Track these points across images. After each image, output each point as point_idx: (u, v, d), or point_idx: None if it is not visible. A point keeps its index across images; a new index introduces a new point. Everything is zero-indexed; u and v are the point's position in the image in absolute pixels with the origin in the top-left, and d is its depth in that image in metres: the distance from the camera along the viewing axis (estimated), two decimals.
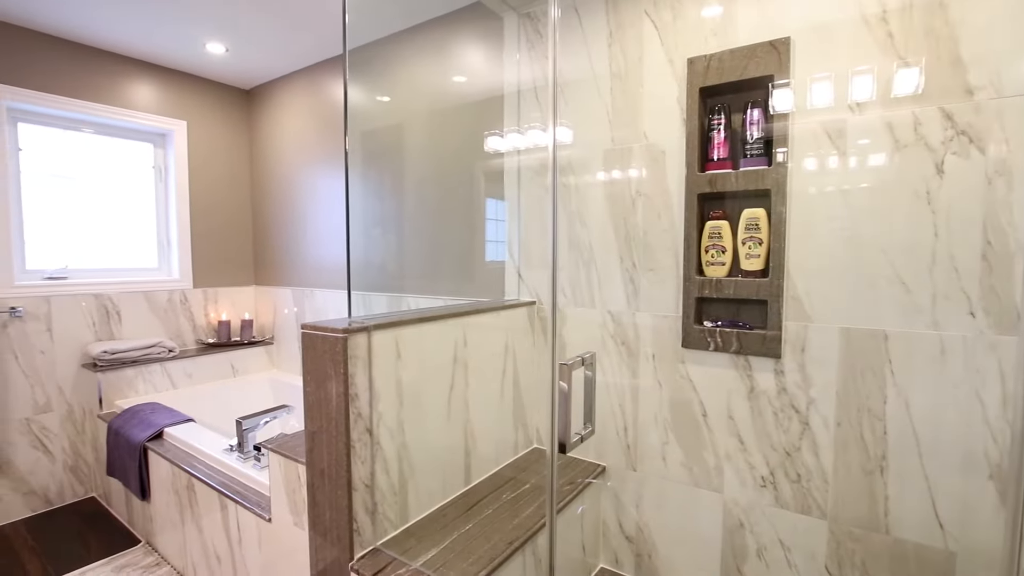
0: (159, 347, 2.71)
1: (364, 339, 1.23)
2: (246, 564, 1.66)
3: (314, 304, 2.92)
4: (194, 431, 2.11)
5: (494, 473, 1.74)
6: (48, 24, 2.36)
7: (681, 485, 1.62)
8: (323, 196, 2.86)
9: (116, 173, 2.82)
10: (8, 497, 2.41)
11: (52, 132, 2.59)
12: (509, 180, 1.99)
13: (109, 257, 2.79)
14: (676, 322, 1.59)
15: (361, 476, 1.26)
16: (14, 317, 2.40)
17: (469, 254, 2.16)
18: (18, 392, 2.42)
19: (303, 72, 2.91)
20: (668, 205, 1.59)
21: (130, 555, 2.14)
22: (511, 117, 1.97)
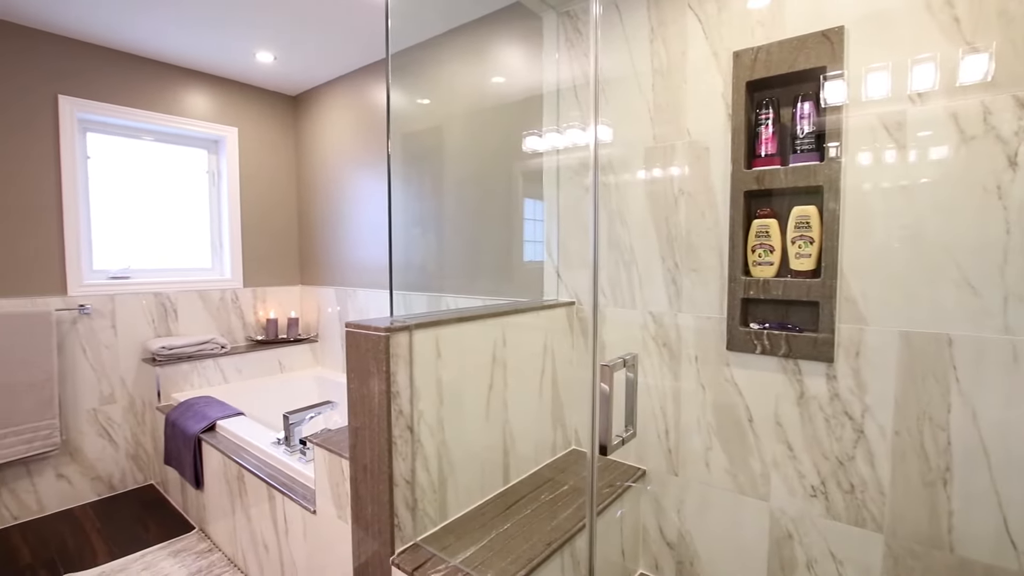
0: (212, 343, 2.84)
1: (406, 338, 1.25)
2: (292, 554, 1.72)
3: (356, 303, 2.99)
4: (244, 424, 2.19)
5: (532, 473, 1.74)
6: (114, 39, 2.51)
7: (725, 492, 1.57)
8: (365, 198, 2.93)
9: (173, 178, 2.98)
10: (78, 482, 2.58)
11: (116, 140, 2.76)
12: (548, 180, 1.98)
13: (167, 258, 2.95)
14: (720, 324, 1.55)
15: (402, 472, 1.28)
16: (83, 314, 2.57)
17: (507, 254, 2.16)
18: (86, 384, 2.59)
19: (346, 77, 2.99)
20: (712, 203, 1.55)
21: (185, 540, 2.25)
22: (550, 117, 1.96)
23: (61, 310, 2.48)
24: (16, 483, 2.41)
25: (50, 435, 2.41)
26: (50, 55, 2.45)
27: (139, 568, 2.05)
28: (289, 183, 3.40)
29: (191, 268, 3.04)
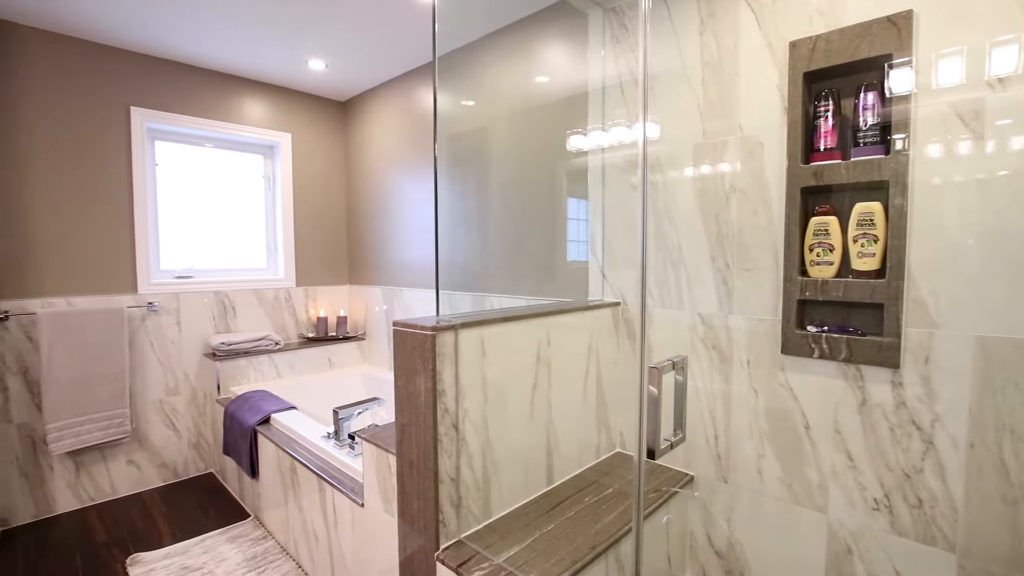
0: (267, 340, 2.97)
1: (451, 337, 1.26)
2: (341, 545, 1.77)
3: (402, 302, 3.05)
4: (296, 418, 2.28)
5: (576, 475, 1.72)
6: (179, 53, 2.67)
7: (779, 502, 1.51)
8: (410, 199, 2.99)
9: (232, 183, 3.13)
10: (146, 468, 2.76)
11: (180, 148, 2.93)
12: (593, 179, 1.96)
13: (226, 258, 3.10)
14: (775, 326, 1.48)
15: (447, 469, 1.30)
16: (151, 311, 2.74)
17: (551, 254, 2.15)
18: (154, 376, 2.77)
19: (393, 82, 3.06)
20: (766, 200, 1.49)
21: (241, 527, 2.36)
22: (595, 115, 1.94)
23: (132, 307, 2.66)
24: (93, 467, 2.59)
25: (122, 423, 2.59)
26: (123, 70, 2.63)
27: (200, 551, 2.17)
28: (339, 186, 3.51)
29: (248, 268, 3.19)
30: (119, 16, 2.27)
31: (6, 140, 2.33)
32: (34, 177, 2.40)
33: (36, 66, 2.40)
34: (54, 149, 2.45)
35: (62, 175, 2.47)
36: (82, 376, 2.45)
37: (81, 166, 2.52)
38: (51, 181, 2.44)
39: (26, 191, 2.38)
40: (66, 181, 2.48)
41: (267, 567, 2.04)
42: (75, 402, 2.44)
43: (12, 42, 2.34)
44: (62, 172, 2.47)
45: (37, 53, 2.40)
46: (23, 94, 2.37)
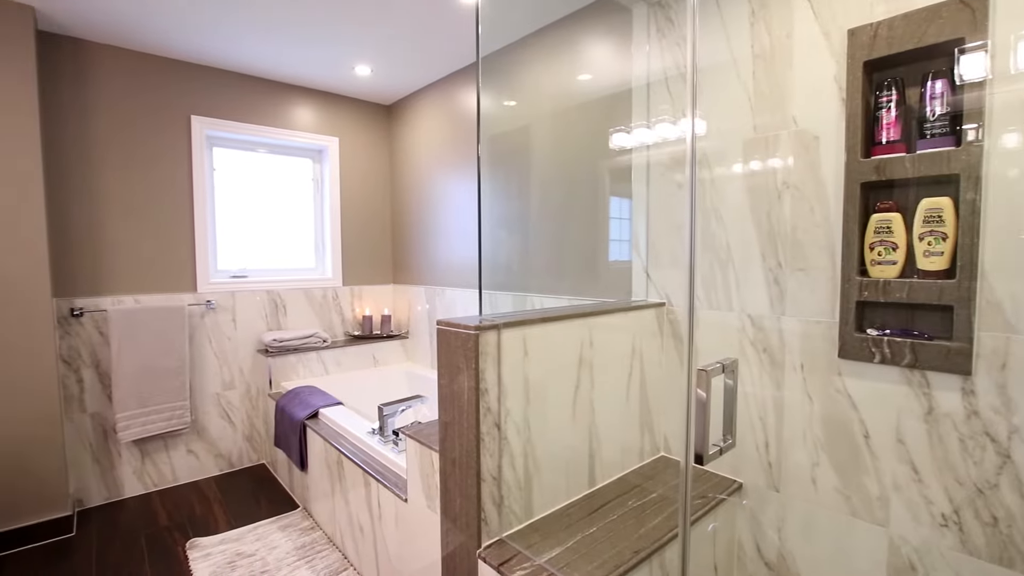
0: (315, 337, 3.08)
1: (494, 336, 1.27)
2: (384, 538, 1.81)
3: (444, 301, 3.09)
4: (343, 413, 2.35)
5: (619, 478, 1.70)
6: (235, 63, 2.80)
7: (835, 513, 1.44)
8: (453, 200, 3.03)
9: (282, 186, 3.26)
10: (203, 457, 2.91)
11: (235, 153, 3.07)
12: (636, 177, 1.92)
13: (277, 259, 3.23)
14: (831, 329, 1.41)
15: (489, 468, 1.30)
16: (209, 309, 2.88)
17: (593, 254, 2.13)
18: (211, 370, 2.91)
19: (435, 84, 3.11)
20: (822, 197, 1.42)
21: (291, 517, 2.45)
22: (639, 111, 1.90)
23: (192, 305, 2.81)
24: (156, 455, 2.76)
25: (183, 415, 2.74)
26: (185, 81, 2.78)
27: (252, 538, 2.26)
28: (383, 187, 3.59)
29: (298, 268, 3.31)
30: (182, 31, 2.40)
31: (83, 151, 2.51)
32: (107, 184, 2.58)
33: (107, 80, 2.57)
34: (123, 158, 2.62)
35: (130, 182, 2.64)
36: (147, 369, 2.61)
37: (147, 173, 2.69)
38: (121, 187, 2.61)
39: (100, 197, 2.56)
40: (134, 187, 2.65)
41: (315, 557, 2.11)
42: (141, 394, 2.60)
43: (87, 59, 2.51)
44: (130, 179, 2.64)
45: (108, 68, 2.57)
46: (97, 107, 2.54)
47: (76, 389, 2.52)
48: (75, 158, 2.49)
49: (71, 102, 2.48)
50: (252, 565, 2.06)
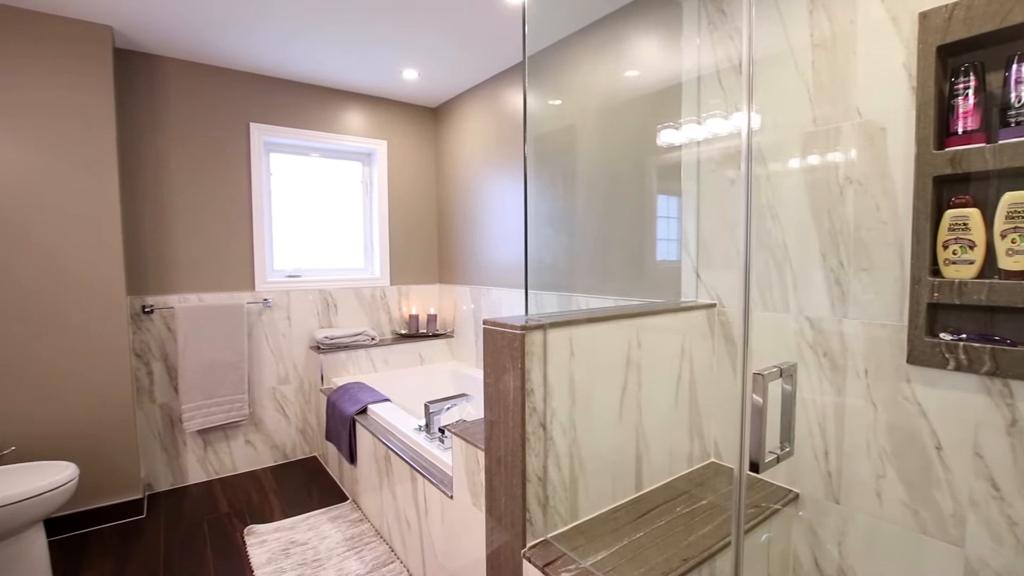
0: (364, 335, 3.17)
1: (540, 336, 1.26)
2: (431, 533, 1.84)
3: (489, 301, 3.11)
4: (390, 410, 2.40)
5: (667, 483, 1.66)
6: (290, 72, 2.91)
7: (902, 530, 1.35)
8: (498, 200, 3.04)
9: (333, 189, 3.37)
10: (260, 448, 3.05)
11: (290, 158, 3.20)
12: (686, 174, 1.87)
13: (329, 259, 3.35)
14: (899, 332, 1.33)
15: (534, 468, 1.30)
16: (265, 307, 3.02)
17: (639, 253, 2.09)
18: (267, 366, 3.05)
19: (480, 86, 3.13)
20: (889, 192, 1.33)
21: (341, 509, 2.53)
22: (689, 107, 1.85)
23: (250, 303, 2.95)
24: (217, 445, 2.91)
25: (242, 407, 2.88)
26: (243, 90, 2.93)
27: (305, 528, 2.35)
28: (430, 189, 3.66)
29: (348, 268, 3.41)
30: (242, 43, 2.53)
31: (153, 159, 2.68)
32: (174, 189, 2.74)
33: (174, 92, 2.73)
34: (189, 165, 2.78)
35: (195, 187, 2.80)
36: (210, 363, 2.76)
37: (210, 179, 2.84)
38: (186, 193, 2.78)
39: (167, 202, 2.73)
40: (198, 192, 2.81)
41: (363, 548, 2.17)
42: (204, 386, 2.75)
43: (157, 73, 2.68)
44: (195, 184, 2.80)
45: (175, 80, 2.73)
46: (165, 118, 2.71)
47: (147, 381, 2.70)
48: (146, 166, 2.67)
49: (143, 114, 2.65)
50: (304, 553, 2.14)
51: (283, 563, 2.07)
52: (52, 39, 2.22)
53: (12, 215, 2.18)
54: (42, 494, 1.87)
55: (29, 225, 2.21)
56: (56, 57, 2.23)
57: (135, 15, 2.26)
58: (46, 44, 2.21)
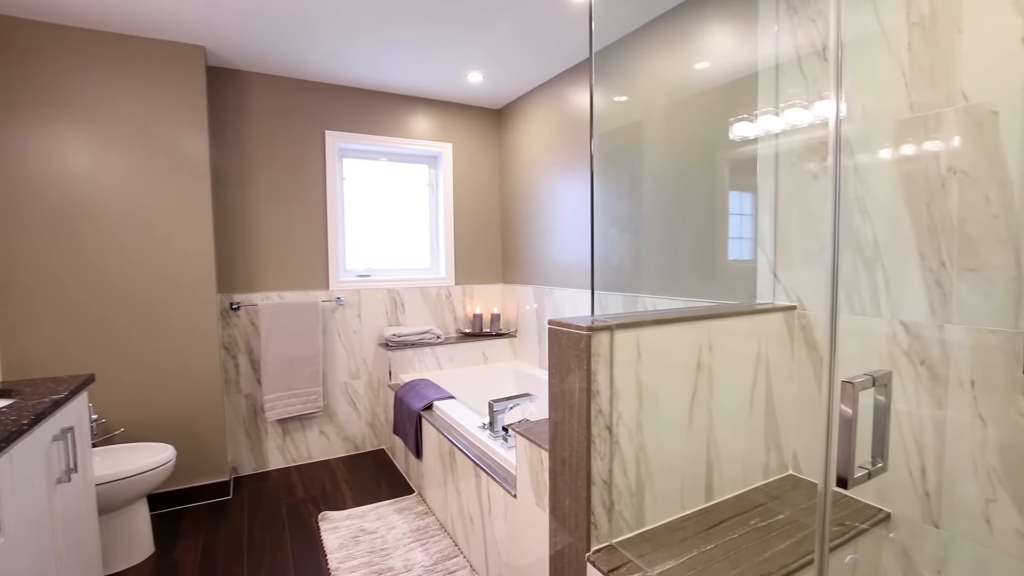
0: (429, 334, 3.25)
1: (607, 337, 1.24)
2: (494, 530, 1.86)
3: (552, 301, 3.10)
4: (455, 407, 2.45)
5: (739, 495, 1.58)
6: (362, 80, 3.04)
7: (1018, 562, 1.20)
8: (562, 200, 3.02)
9: (401, 191, 3.49)
10: (333, 439, 3.21)
11: (361, 163, 3.34)
12: (763, 168, 1.77)
13: (397, 259, 3.47)
14: (1012, 340, 1.18)
15: (599, 471, 1.28)
16: (338, 305, 3.17)
17: (710, 252, 2.00)
18: (340, 361, 3.20)
19: (545, 85, 3.12)
20: (1002, 183, 1.19)
21: (407, 501, 2.61)
22: (766, 98, 1.75)
23: (325, 301, 3.11)
24: (295, 434, 3.09)
25: (317, 400, 3.04)
26: (319, 99, 3.09)
27: (374, 517, 2.45)
28: (493, 189, 3.70)
29: (414, 268, 3.52)
30: (318, 56, 2.67)
31: (240, 167, 2.89)
32: (258, 195, 2.94)
33: (258, 104, 2.93)
34: (270, 172, 2.97)
35: (275, 192, 2.99)
36: (289, 357, 2.94)
37: (290, 184, 3.02)
38: (268, 197, 2.97)
39: (251, 206, 2.93)
40: (278, 197, 3.00)
41: (428, 540, 2.23)
42: (283, 379, 2.93)
43: (242, 86, 2.89)
44: (276, 190, 2.99)
45: (258, 93, 2.93)
46: (249, 128, 2.91)
47: (233, 372, 2.91)
48: (232, 174, 2.88)
49: (230, 125, 2.86)
50: (373, 542, 2.22)
51: (353, 549, 2.17)
52: (154, 60, 2.45)
53: (121, 220, 2.42)
54: (146, 472, 2.07)
55: (134, 230, 2.45)
56: (157, 75, 2.46)
57: (226, 36, 2.44)
58: (149, 64, 2.44)
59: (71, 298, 2.34)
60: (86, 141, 2.34)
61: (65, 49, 2.29)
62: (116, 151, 2.40)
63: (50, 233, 2.30)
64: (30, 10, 2.15)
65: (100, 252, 2.39)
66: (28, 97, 2.24)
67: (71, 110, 2.31)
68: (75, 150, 2.33)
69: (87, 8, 2.15)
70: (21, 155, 2.24)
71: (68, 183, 2.32)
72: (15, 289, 2.25)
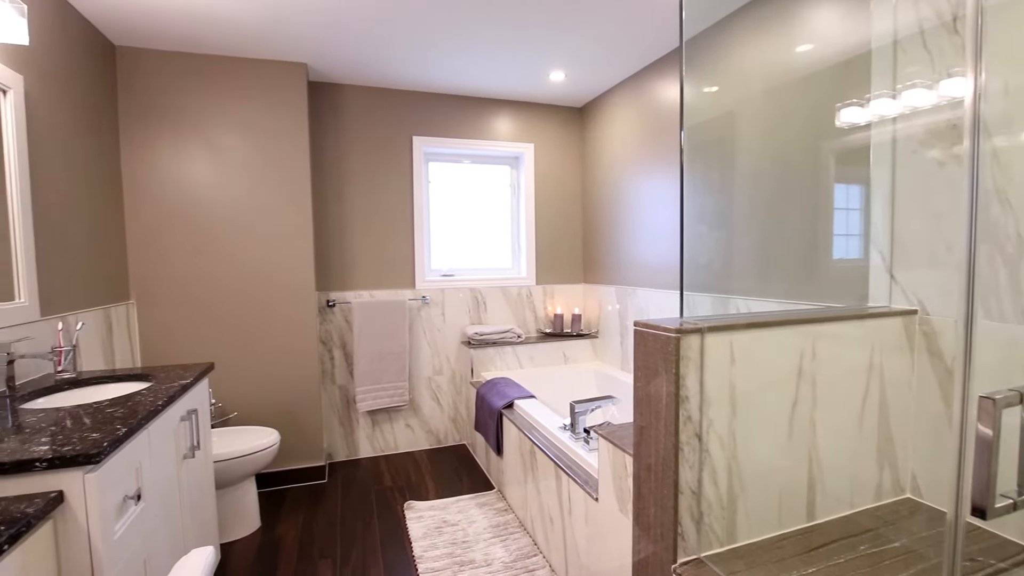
0: (510, 333, 3.29)
1: (697, 340, 1.18)
2: (574, 533, 1.84)
3: (636, 302, 3.02)
4: (535, 406, 2.46)
5: (846, 516, 1.43)
6: (446, 86, 3.14)
7: None
8: (645, 197, 2.93)
9: (483, 192, 3.56)
10: (417, 432, 3.34)
11: (445, 166, 3.45)
12: (877, 158, 1.60)
13: (479, 259, 3.54)
14: None
15: (688, 480, 1.22)
16: (424, 303, 3.30)
17: (811, 251, 1.85)
18: (424, 357, 3.33)
19: (626, 82, 3.05)
20: None
21: (487, 496, 2.66)
22: (881, 79, 1.58)
23: (411, 300, 3.25)
24: (383, 425, 3.26)
25: (403, 393, 3.18)
26: (406, 107, 3.23)
27: (455, 510, 2.51)
28: (575, 188, 3.67)
29: (496, 268, 3.58)
30: (406, 66, 2.79)
31: (337, 174, 3.10)
32: (351, 199, 3.13)
33: (352, 113, 3.12)
34: (362, 177, 3.15)
35: (367, 196, 3.17)
36: (378, 352, 3.10)
37: (379, 188, 3.19)
38: (361, 201, 3.15)
39: (346, 209, 3.13)
40: (370, 200, 3.17)
41: (508, 537, 2.25)
42: (373, 372, 3.10)
43: (338, 98, 3.09)
44: (367, 194, 3.17)
45: (352, 103, 3.12)
46: (344, 137, 3.11)
47: (329, 365, 3.12)
48: (329, 180, 3.09)
49: (328, 135, 3.07)
50: (455, 534, 2.29)
51: (436, 539, 2.24)
52: (263, 78, 2.69)
53: (234, 225, 2.68)
54: (255, 453, 2.27)
55: (246, 234, 2.70)
56: (266, 92, 2.70)
57: (325, 54, 2.63)
58: (258, 82, 2.69)
59: (194, 295, 2.63)
60: (205, 155, 2.62)
61: (187, 73, 2.58)
62: (230, 163, 2.66)
63: (178, 238, 2.60)
64: (158, 42, 2.45)
65: (218, 254, 2.66)
66: (157, 118, 2.54)
67: (192, 127, 2.60)
68: (197, 163, 2.61)
69: (206, 36, 2.40)
70: (154, 170, 2.55)
71: (191, 192, 2.61)
72: (153, 288, 2.57)
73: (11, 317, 1.61)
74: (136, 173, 2.51)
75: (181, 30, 2.34)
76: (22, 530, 0.87)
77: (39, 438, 1.12)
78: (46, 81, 1.88)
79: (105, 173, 2.33)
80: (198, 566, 0.97)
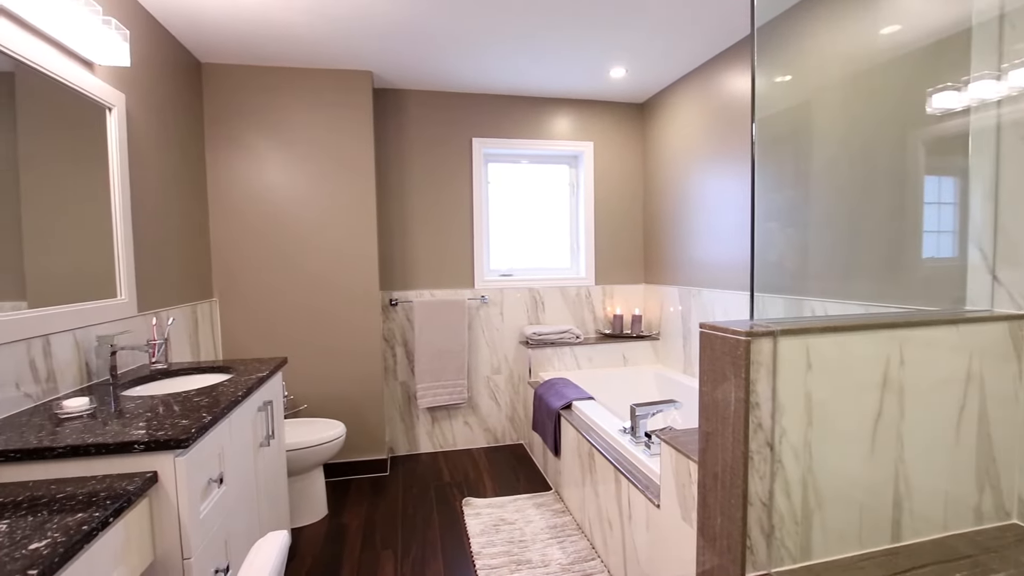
0: (569, 333, 3.26)
1: (769, 344, 1.12)
2: (633, 538, 1.79)
3: (700, 303, 2.91)
4: (594, 408, 2.42)
5: (937, 539, 1.31)
6: (505, 87, 3.16)
7: None
8: (710, 194, 2.82)
9: (542, 192, 3.55)
10: (475, 429, 3.38)
11: (504, 166, 3.47)
12: (977, 146, 1.45)
13: (537, 259, 3.54)
14: None
15: (758, 491, 1.16)
16: (482, 303, 3.33)
17: (897, 249, 1.71)
18: (483, 356, 3.36)
19: (690, 75, 2.94)
20: None
21: (544, 497, 2.65)
22: (983, 58, 1.43)
23: (471, 299, 3.30)
24: (442, 422, 3.33)
25: (462, 391, 3.23)
26: (466, 109, 3.28)
27: (512, 508, 2.52)
28: (635, 186, 3.59)
29: (555, 268, 3.56)
30: (467, 70, 2.83)
31: (400, 176, 3.19)
32: (413, 201, 3.22)
33: (413, 117, 3.21)
34: (424, 178, 3.23)
35: (428, 197, 3.25)
36: (438, 351, 3.17)
37: (440, 190, 3.26)
38: (422, 202, 3.24)
39: (408, 210, 3.22)
40: (431, 202, 3.25)
41: (565, 539, 2.24)
42: (433, 370, 3.17)
43: (401, 102, 3.18)
44: (429, 195, 3.25)
45: (413, 108, 3.20)
46: (407, 140, 3.20)
47: (391, 362, 3.23)
48: (392, 182, 3.19)
49: (391, 139, 3.18)
50: (512, 532, 2.30)
51: (494, 537, 2.26)
52: (332, 86, 2.82)
53: (306, 226, 2.83)
54: (324, 443, 2.38)
55: (317, 235, 2.84)
56: (334, 99, 2.82)
57: (389, 61, 2.72)
58: (327, 90, 2.82)
59: (270, 293, 2.80)
60: (280, 161, 2.78)
61: (264, 85, 2.75)
62: (303, 169, 2.80)
63: (256, 241, 2.77)
64: (239, 57, 2.62)
65: (291, 256, 2.82)
66: (238, 128, 2.72)
67: (268, 136, 2.76)
68: (272, 170, 2.78)
69: (282, 50, 2.54)
70: (235, 177, 2.73)
71: (268, 196, 2.78)
72: (234, 287, 2.76)
73: (114, 312, 1.78)
74: (220, 181, 2.71)
75: (260, 45, 2.49)
76: (124, 505, 0.96)
77: (137, 423, 1.23)
78: (142, 98, 2.06)
79: (192, 181, 2.53)
80: (274, 548, 1.03)
